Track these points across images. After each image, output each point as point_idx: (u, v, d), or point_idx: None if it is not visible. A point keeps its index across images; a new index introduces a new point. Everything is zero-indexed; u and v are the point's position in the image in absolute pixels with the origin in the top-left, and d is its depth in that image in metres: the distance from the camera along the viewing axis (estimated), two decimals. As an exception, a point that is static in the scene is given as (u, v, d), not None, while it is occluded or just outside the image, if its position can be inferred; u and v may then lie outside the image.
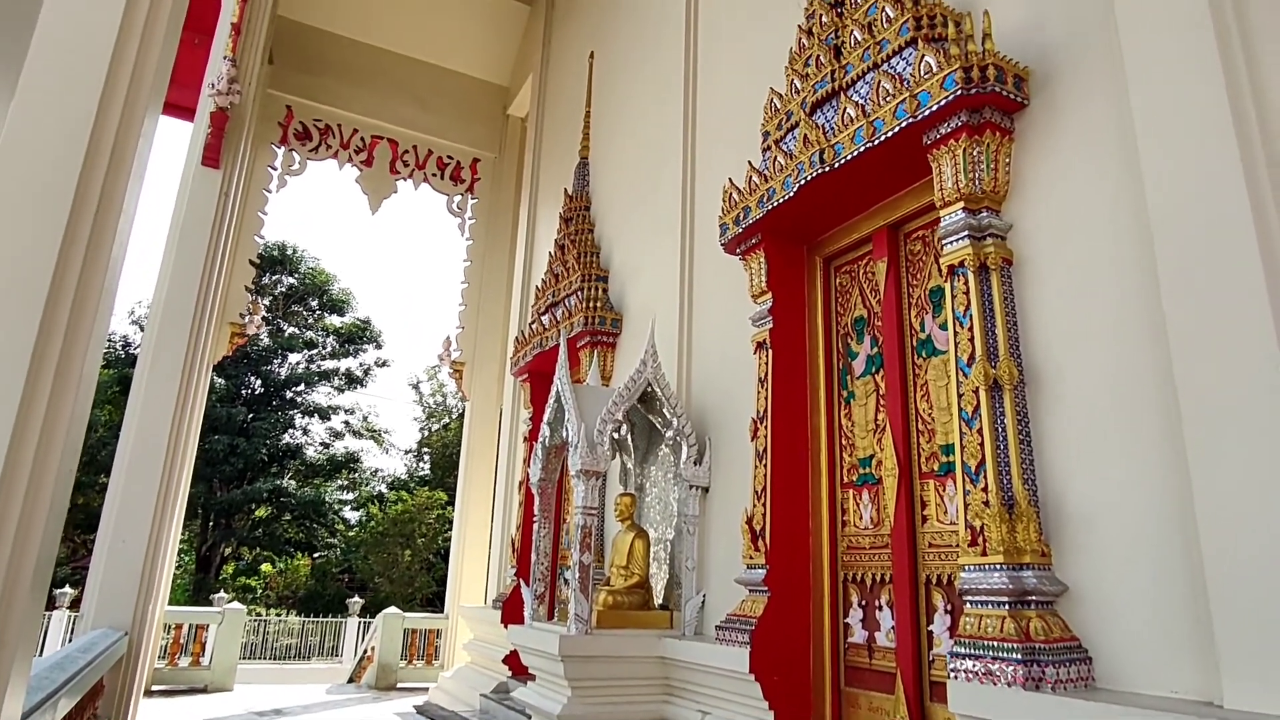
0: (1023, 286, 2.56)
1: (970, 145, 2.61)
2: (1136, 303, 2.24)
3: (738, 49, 4.44)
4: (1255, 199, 1.95)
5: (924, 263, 3.12)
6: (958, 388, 2.54)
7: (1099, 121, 2.41)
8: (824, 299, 3.59)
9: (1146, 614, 2.11)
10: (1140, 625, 2.13)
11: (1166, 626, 2.06)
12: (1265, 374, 1.86)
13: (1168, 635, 2.06)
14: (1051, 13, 2.63)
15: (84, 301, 1.70)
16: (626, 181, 5.56)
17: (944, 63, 2.60)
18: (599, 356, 5.25)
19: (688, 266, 4.47)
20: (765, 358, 3.53)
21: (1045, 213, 2.53)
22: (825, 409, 3.49)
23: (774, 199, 3.34)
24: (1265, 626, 1.78)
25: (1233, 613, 1.85)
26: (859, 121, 2.92)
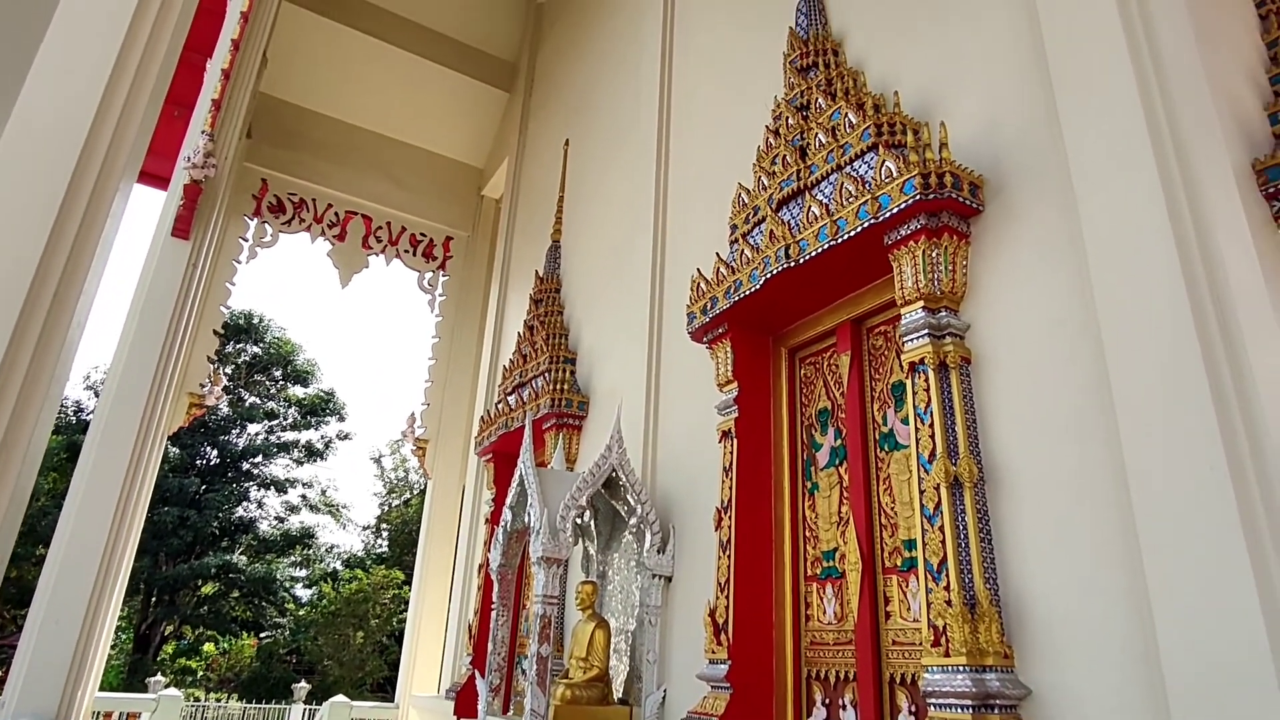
0: (981, 385, 2.61)
1: (929, 247, 2.70)
2: (1089, 403, 2.29)
3: (708, 145, 4.60)
4: (1198, 314, 2.03)
5: (886, 357, 3.18)
6: (919, 484, 2.55)
7: (1050, 229, 2.51)
8: (789, 390, 3.63)
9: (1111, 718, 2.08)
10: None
11: (1130, 736, 2.03)
12: (1209, 475, 1.90)
13: (1132, 745, 2.03)
14: (1005, 127, 2.77)
15: (38, 371, 1.66)
16: (597, 266, 5.64)
17: (903, 168, 2.71)
18: (564, 439, 5.21)
19: (655, 353, 4.50)
20: (730, 447, 3.53)
21: (1001, 314, 2.61)
22: (789, 500, 3.48)
23: (740, 291, 3.40)
24: (1226, 740, 1.76)
25: (1192, 716, 1.83)
26: (823, 220, 3.01)
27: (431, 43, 9.07)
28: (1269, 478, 1.91)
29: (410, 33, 8.95)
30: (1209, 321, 2.06)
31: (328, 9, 8.53)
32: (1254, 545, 1.84)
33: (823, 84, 3.44)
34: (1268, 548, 1.84)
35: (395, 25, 8.88)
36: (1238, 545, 1.84)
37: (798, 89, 3.56)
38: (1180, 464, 1.98)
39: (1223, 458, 1.92)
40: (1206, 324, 2.04)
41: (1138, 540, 2.03)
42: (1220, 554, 1.85)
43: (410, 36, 8.94)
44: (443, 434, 8.83)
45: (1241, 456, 1.93)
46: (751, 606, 3.34)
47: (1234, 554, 1.84)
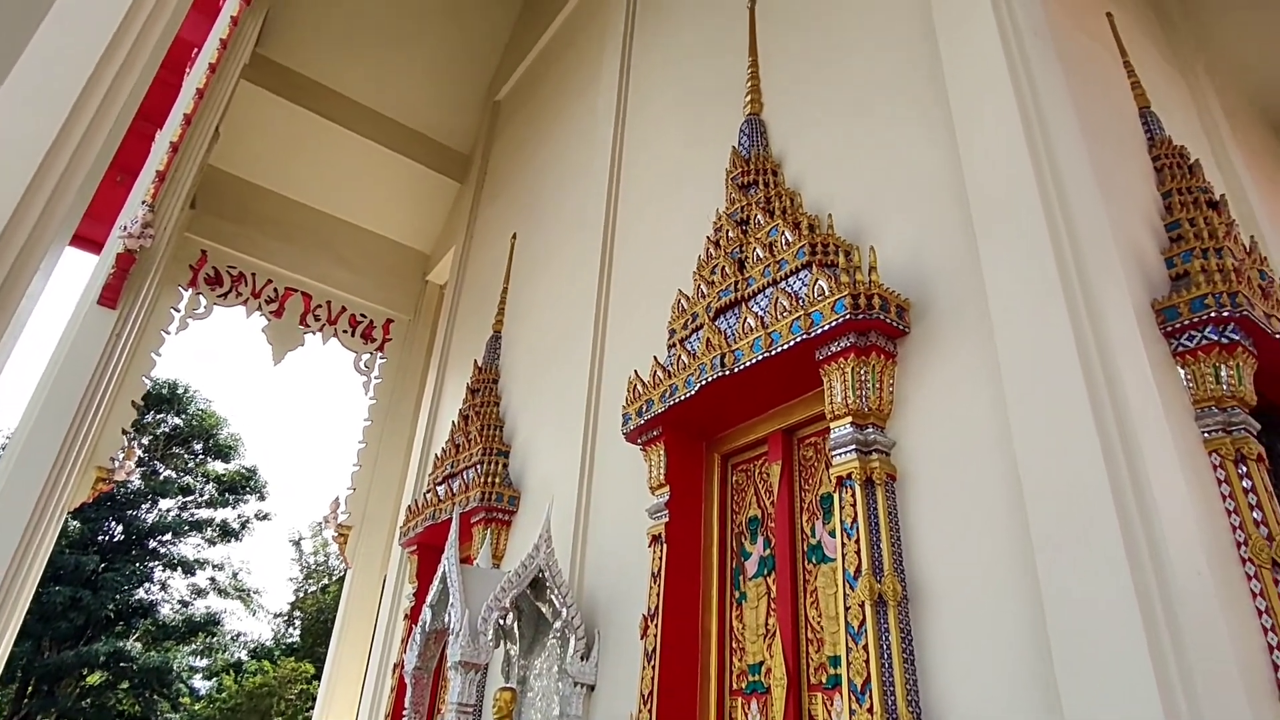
0: (906, 502, 2.66)
1: (858, 365, 2.78)
2: (1006, 524, 2.35)
3: (651, 250, 4.72)
4: (1105, 443, 2.13)
5: (816, 469, 3.22)
6: (844, 600, 2.55)
7: (970, 355, 2.62)
8: (720, 496, 3.63)
9: None
10: None
11: None
12: (1117, 597, 1.95)
13: None
14: (930, 255, 2.92)
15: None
16: (537, 360, 5.64)
17: (835, 288, 2.82)
18: (493, 534, 5.07)
19: (589, 452, 4.47)
20: (659, 552, 3.48)
21: (925, 433, 2.68)
22: (717, 610, 3.43)
23: (676, 395, 3.44)
24: None
25: None
26: (758, 332, 3.09)
27: (387, 130, 9.22)
28: (1171, 599, 1.97)
29: (367, 118, 9.10)
30: (1115, 451, 2.16)
31: (287, 90, 8.64)
32: (1160, 669, 1.88)
33: (762, 201, 3.60)
34: (1172, 670, 1.88)
35: (353, 110, 9.03)
36: (1145, 669, 1.88)
37: (738, 204, 3.71)
38: (1090, 586, 2.04)
39: (1129, 581, 1.98)
40: (1113, 454, 2.14)
41: (1052, 662, 2.06)
42: (1129, 676, 1.89)
43: (366, 122, 9.08)
44: (367, 521, 8.50)
45: (1147, 580, 1.99)
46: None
47: (1141, 677, 1.87)
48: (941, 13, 3.23)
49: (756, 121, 4.07)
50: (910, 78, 3.32)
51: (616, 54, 6.04)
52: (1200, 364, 2.66)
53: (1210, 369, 2.64)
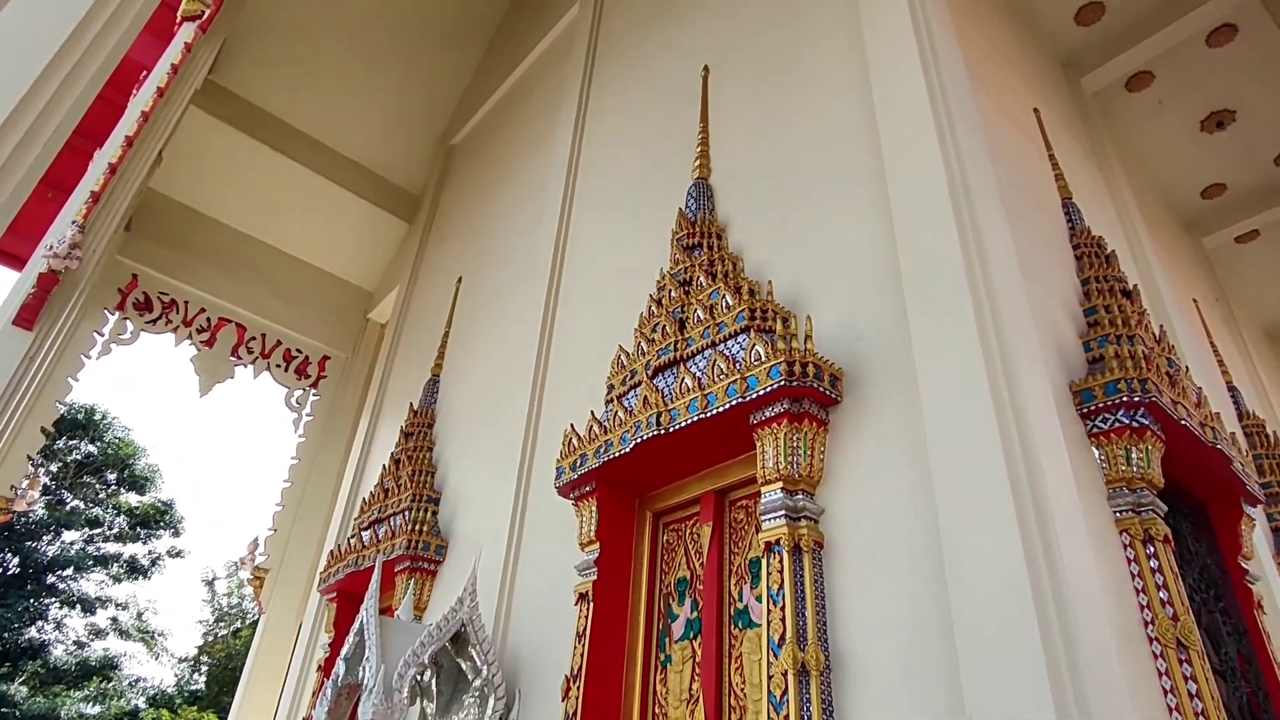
0: (832, 570, 2.67)
1: (790, 431, 2.82)
2: (928, 598, 2.37)
3: (595, 304, 4.75)
4: (1022, 522, 2.19)
5: (746, 532, 3.23)
6: (768, 669, 2.53)
7: (899, 428, 2.69)
8: (650, 555, 3.60)
9: None
10: None
11: None
12: (1033, 677, 1.98)
13: None
14: (864, 327, 3.00)
15: None
16: (474, 407, 5.57)
17: (771, 354, 2.87)
18: (416, 584, 4.91)
19: (521, 503, 4.40)
20: (586, 610, 3.42)
21: (853, 502, 2.72)
22: (641, 672, 3.36)
23: (611, 451, 3.42)
24: None
25: None
26: (695, 393, 3.11)
27: (338, 165, 9.14)
28: (1082, 679, 2.01)
29: (318, 153, 9.01)
30: (1031, 529, 2.22)
31: (238, 119, 8.51)
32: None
33: (705, 264, 3.67)
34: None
35: (304, 144, 8.93)
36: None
37: (682, 265, 3.77)
38: (1005, 665, 2.07)
39: (1042, 661, 2.02)
40: (1029, 531, 2.20)
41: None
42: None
43: (317, 156, 8.99)
44: (286, 564, 8.16)
45: (1059, 661, 2.03)
46: (592, 790, 3.13)
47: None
48: (883, 100, 3.38)
49: (704, 185, 4.17)
50: (853, 157, 3.45)
51: (573, 109, 6.14)
52: (1113, 446, 2.78)
53: (1122, 451, 2.76)
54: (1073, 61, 5.66)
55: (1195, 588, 2.97)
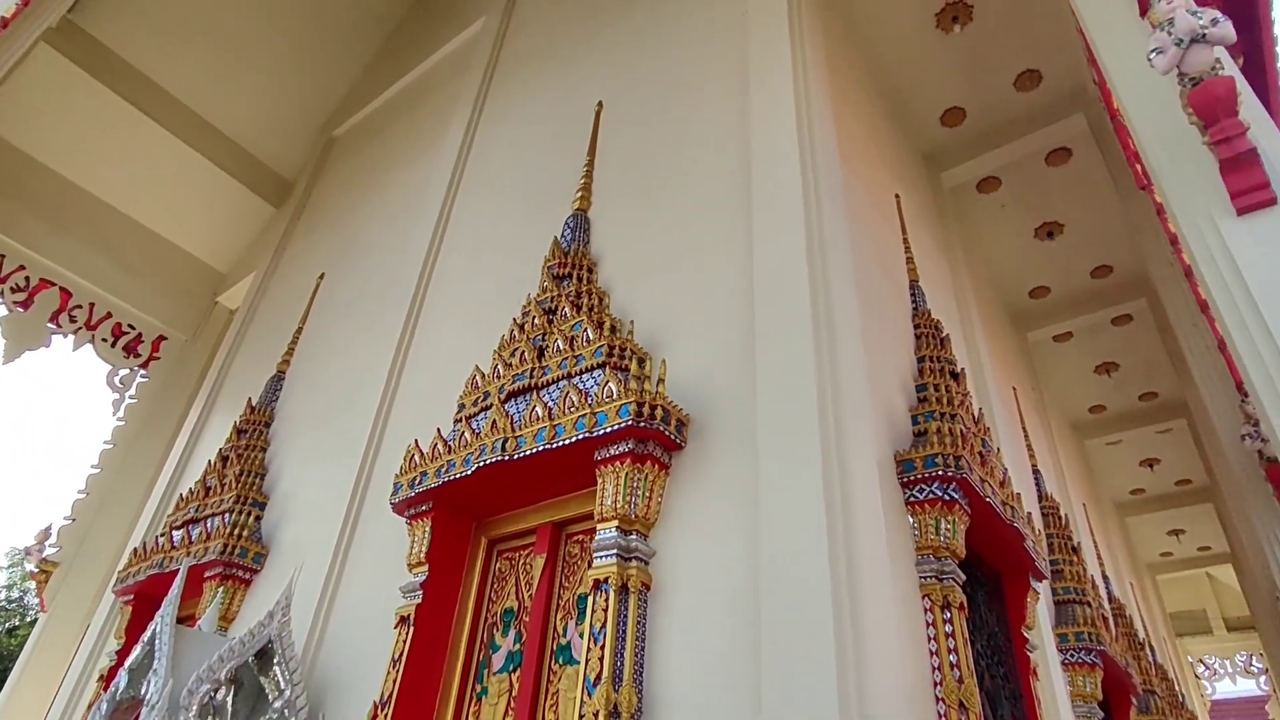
0: (656, 613, 2.71)
1: (633, 471, 2.85)
2: (743, 648, 2.44)
3: (456, 321, 4.65)
4: (835, 582, 2.30)
5: (579, 567, 3.22)
6: (580, 708, 2.52)
7: (736, 480, 2.77)
8: (480, 582, 3.51)
9: None
10: None
11: None
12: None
13: None
14: (716, 379, 3.10)
15: None
16: (317, 411, 5.30)
17: (623, 393, 2.91)
18: (227, 593, 4.56)
19: (353, 517, 4.20)
20: (405, 635, 3.29)
21: (684, 547, 2.78)
22: (455, 704, 3.26)
23: (453, 472, 3.34)
24: None
25: None
26: (544, 422, 3.10)
27: (205, 136, 8.55)
28: None
29: (184, 118, 8.39)
30: (843, 589, 2.33)
31: (96, 69, 7.81)
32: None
33: (572, 295, 3.68)
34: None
35: (169, 106, 8.30)
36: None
37: (550, 293, 3.77)
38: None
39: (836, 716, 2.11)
40: (840, 593, 2.32)
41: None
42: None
43: (183, 122, 8.37)
44: (80, 559, 7.37)
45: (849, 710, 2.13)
46: (385, 825, 2.98)
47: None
48: (758, 164, 3.55)
49: (582, 217, 4.20)
50: (725, 213, 3.59)
51: (464, 122, 6.06)
52: (926, 515, 2.98)
53: (933, 521, 2.97)
54: (935, 157, 6.16)
55: (982, 653, 3.22)
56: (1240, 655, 13.65)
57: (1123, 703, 5.38)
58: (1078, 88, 5.61)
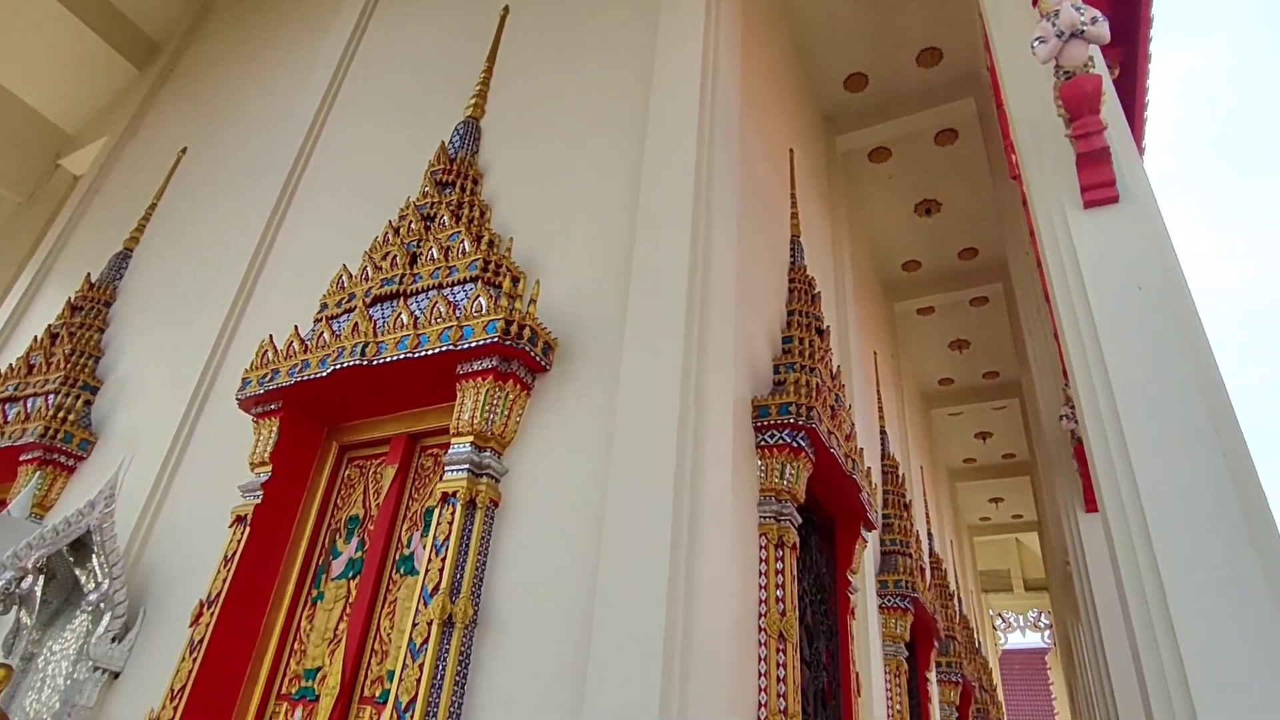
0: (501, 529, 2.72)
1: (494, 389, 2.82)
2: (584, 567, 2.50)
3: (330, 216, 4.40)
4: (677, 507, 2.38)
5: (430, 480, 3.18)
6: (414, 616, 2.52)
7: (595, 407, 2.80)
8: (327, 487, 3.42)
9: None
10: None
11: None
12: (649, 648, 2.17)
13: None
14: (587, 305, 3.08)
15: None
16: (166, 294, 4.91)
17: (493, 309, 2.85)
18: (45, 479, 4.23)
19: (196, 409, 3.96)
20: (240, 534, 3.17)
21: (536, 470, 2.79)
22: (288, 607, 3.19)
23: (306, 372, 3.20)
24: None
25: None
26: (408, 330, 3.00)
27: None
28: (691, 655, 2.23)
29: (34, -47, 7.38)
30: (683, 519, 2.42)
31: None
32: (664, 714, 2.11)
33: (454, 204, 3.55)
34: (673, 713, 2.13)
35: (19, -64, 7.27)
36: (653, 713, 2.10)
37: (430, 199, 3.61)
38: (630, 639, 2.24)
39: (661, 630, 2.21)
40: (680, 523, 2.40)
41: (583, 696, 2.22)
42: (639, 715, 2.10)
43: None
44: (-126, 430, 6.62)
45: (675, 636, 2.23)
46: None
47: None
48: (658, 97, 3.49)
49: (474, 125, 4.03)
50: (618, 142, 3.53)
51: (359, 4, 5.63)
52: (773, 459, 3.13)
53: (779, 465, 3.11)
54: (834, 119, 6.29)
55: (807, 590, 3.45)
56: (1032, 612, 15.36)
57: (926, 644, 5.94)
58: (973, 72, 5.83)
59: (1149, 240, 2.24)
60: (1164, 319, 2.07)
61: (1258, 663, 1.63)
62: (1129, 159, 2.46)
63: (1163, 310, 2.09)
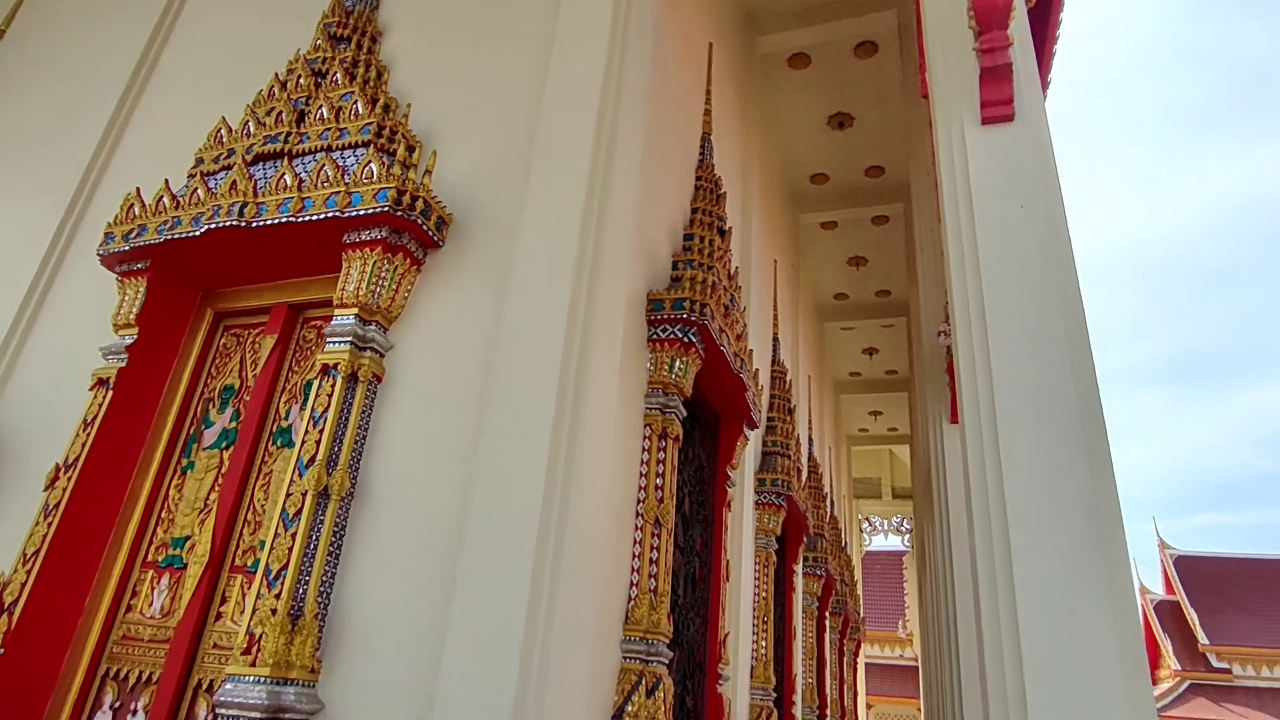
0: (383, 404, 2.68)
1: (382, 261, 2.71)
2: (465, 446, 2.50)
3: (211, 61, 4.01)
4: (562, 391, 2.40)
5: (312, 354, 3.07)
6: (289, 486, 2.47)
7: (487, 288, 2.74)
8: (200, 355, 3.25)
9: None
10: (376, 747, 2.22)
11: (395, 750, 2.19)
12: (524, 525, 2.22)
13: (394, 759, 2.19)
14: (485, 182, 2.97)
15: None
16: (18, 131, 4.41)
17: (385, 177, 2.71)
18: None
19: (53, 264, 3.65)
20: (102, 398, 2.99)
21: (424, 344, 2.73)
22: (156, 474, 3.07)
23: (177, 230, 2.97)
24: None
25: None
26: (292, 193, 2.82)
27: None
28: (565, 532, 2.30)
29: None
30: (567, 402, 2.44)
31: None
32: (536, 589, 2.18)
33: (349, 61, 3.30)
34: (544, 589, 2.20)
35: None
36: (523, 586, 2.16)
37: (323, 53, 3.34)
38: (503, 512, 2.28)
39: (538, 511, 2.26)
40: (564, 405, 2.42)
41: (457, 567, 2.26)
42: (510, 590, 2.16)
43: None
44: None
45: (551, 514, 2.29)
46: (58, 588, 2.81)
47: (518, 593, 2.16)
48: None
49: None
50: (529, 18, 3.32)
51: None
52: (663, 352, 3.17)
53: (669, 359, 3.16)
54: (756, 17, 6.13)
55: (687, 481, 3.59)
56: (896, 518, 16.63)
57: (796, 540, 6.35)
58: (897, -17, 5.78)
59: (1036, 161, 2.32)
60: (1038, 237, 2.17)
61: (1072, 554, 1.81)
62: (1029, 82, 2.52)
63: (1039, 229, 2.19)
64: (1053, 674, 1.73)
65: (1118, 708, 1.66)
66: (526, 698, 2.09)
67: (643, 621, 2.79)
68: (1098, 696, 1.68)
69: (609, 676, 2.72)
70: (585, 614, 2.42)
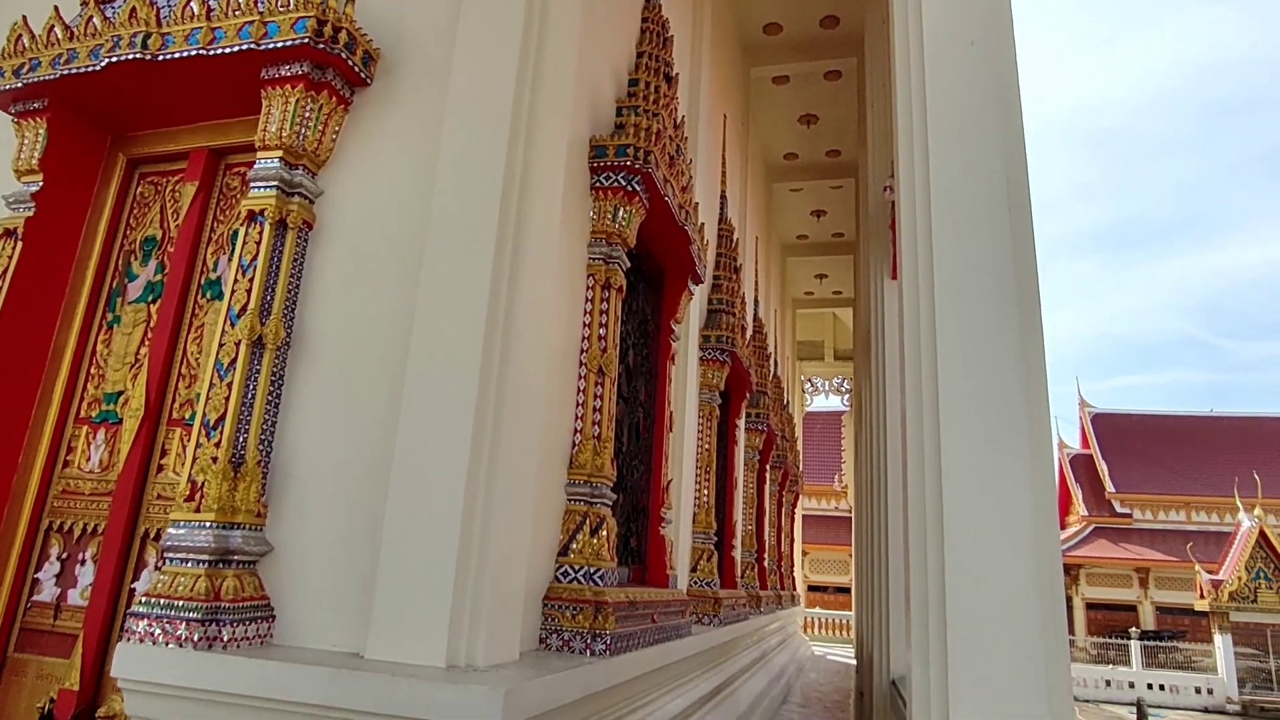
0: (315, 252, 2.59)
1: (305, 99, 2.54)
2: (402, 289, 2.45)
3: None
4: (501, 234, 2.34)
5: (238, 200, 2.92)
6: (221, 337, 2.41)
7: (420, 129, 2.60)
8: (116, 204, 3.06)
9: (333, 574, 2.29)
10: (326, 584, 2.29)
11: (345, 586, 2.26)
12: (464, 378, 2.23)
13: (344, 594, 2.26)
14: (415, 15, 2.76)
15: None
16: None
17: (303, 5, 2.49)
18: None
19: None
20: (11, 249, 2.82)
21: (355, 189, 2.62)
22: (80, 329, 2.95)
23: (74, 64, 2.72)
24: (402, 587, 2.09)
25: (387, 575, 2.14)
26: (201, 22, 2.58)
27: None
28: (508, 382, 2.31)
29: None
30: (506, 249, 2.39)
31: None
32: (478, 435, 2.21)
33: (253, -127, 2.95)
34: (486, 436, 2.23)
35: None
36: (464, 436, 2.19)
37: None
38: (445, 359, 2.27)
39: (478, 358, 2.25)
40: (504, 250, 2.37)
41: (399, 412, 2.27)
42: (450, 439, 2.19)
43: None
44: None
45: (493, 359, 2.28)
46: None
47: (459, 441, 2.18)
48: None
49: None
50: None
51: None
52: (607, 201, 3.10)
53: (612, 207, 3.10)
54: None
55: (631, 333, 3.61)
56: (837, 379, 17.22)
57: (740, 396, 6.54)
58: None
59: None
60: (986, 74, 2.13)
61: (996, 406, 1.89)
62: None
63: (987, 66, 2.15)
64: (969, 518, 1.85)
65: (1026, 547, 1.80)
66: (472, 535, 2.16)
67: (586, 465, 2.87)
68: (1010, 539, 1.81)
69: (554, 518, 2.83)
70: (529, 457, 2.47)
